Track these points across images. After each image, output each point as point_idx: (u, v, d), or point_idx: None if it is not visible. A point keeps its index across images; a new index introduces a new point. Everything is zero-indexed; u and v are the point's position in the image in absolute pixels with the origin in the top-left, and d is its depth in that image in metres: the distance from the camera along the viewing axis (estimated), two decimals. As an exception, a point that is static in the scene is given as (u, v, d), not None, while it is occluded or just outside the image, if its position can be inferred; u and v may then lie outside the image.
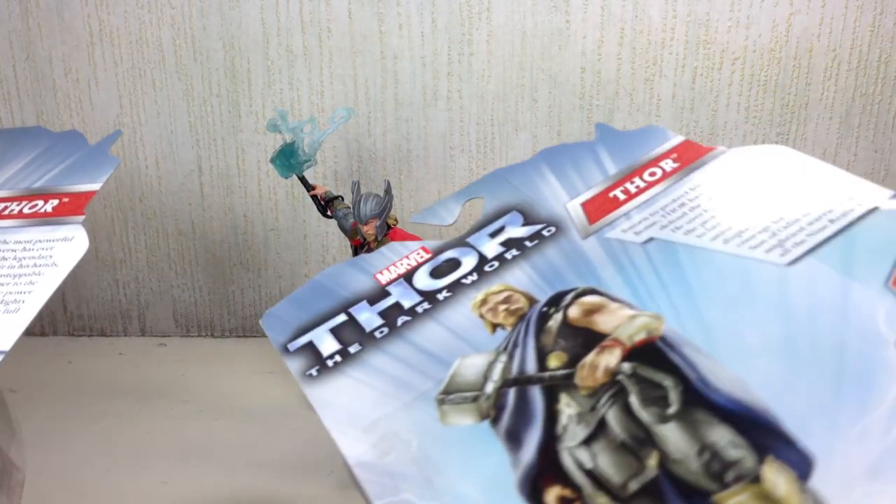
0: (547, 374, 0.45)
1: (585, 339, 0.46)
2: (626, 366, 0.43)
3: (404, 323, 0.52)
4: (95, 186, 0.66)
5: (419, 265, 0.56)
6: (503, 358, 0.47)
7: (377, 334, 0.52)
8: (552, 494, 0.41)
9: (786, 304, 0.44)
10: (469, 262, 0.55)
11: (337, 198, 0.80)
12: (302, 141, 0.80)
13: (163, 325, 1.07)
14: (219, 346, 1.07)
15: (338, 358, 0.51)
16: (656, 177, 0.55)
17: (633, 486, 0.39)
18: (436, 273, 0.55)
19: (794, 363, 0.41)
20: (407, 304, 0.53)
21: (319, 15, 1.00)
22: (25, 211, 0.67)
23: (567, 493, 0.40)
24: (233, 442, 0.76)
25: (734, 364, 0.42)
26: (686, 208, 0.52)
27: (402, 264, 0.57)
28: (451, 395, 0.46)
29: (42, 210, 0.66)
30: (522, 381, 0.45)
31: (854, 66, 0.56)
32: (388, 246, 0.59)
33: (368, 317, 0.53)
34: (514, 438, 0.43)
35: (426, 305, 0.52)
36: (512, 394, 0.45)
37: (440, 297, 0.52)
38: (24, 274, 0.60)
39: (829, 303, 0.43)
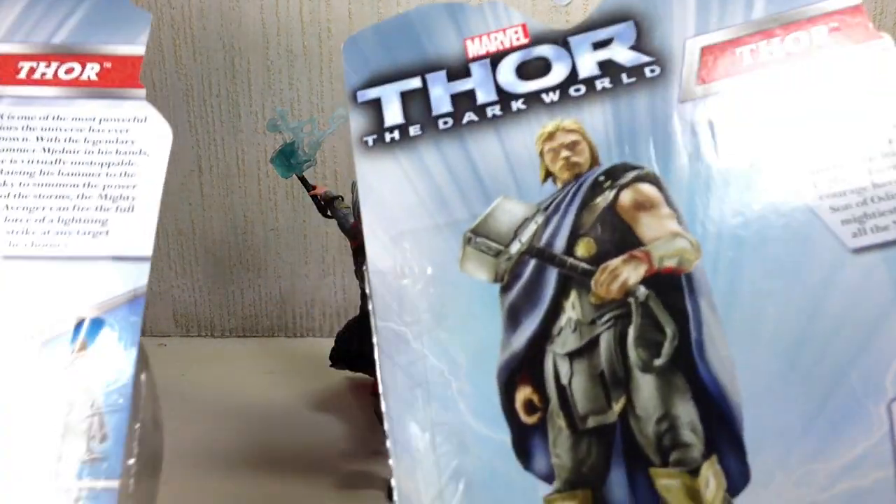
0: (569, 261, 0.46)
1: (622, 235, 0.46)
2: (642, 290, 0.44)
3: (469, 122, 0.51)
4: (138, 50, 0.55)
5: (512, 49, 0.53)
6: (539, 218, 0.48)
7: (441, 124, 0.51)
8: (522, 394, 0.45)
9: (820, 300, 0.43)
10: (559, 71, 0.51)
11: (337, 198, 0.71)
12: (302, 141, 0.69)
13: (163, 325, 1.05)
14: (219, 346, 1.01)
15: (396, 135, 0.52)
16: (797, 46, 0.49)
17: (592, 423, 0.43)
18: (522, 71, 0.52)
19: (790, 372, 0.42)
20: (481, 98, 0.52)
21: (319, 15, 0.96)
22: (62, 76, 0.56)
23: (535, 399, 0.45)
24: (233, 442, 0.75)
25: (737, 342, 0.43)
26: (796, 112, 0.47)
27: (495, 39, 0.53)
28: (479, 237, 0.47)
29: (84, 77, 0.56)
30: (546, 257, 0.47)
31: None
32: (491, 5, 0.55)
33: (441, 95, 0.52)
34: (513, 317, 0.46)
35: (497, 111, 0.51)
36: (530, 267, 0.47)
37: (514, 106, 0.51)
38: (110, 163, 0.53)
39: (861, 321, 0.43)
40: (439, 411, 0.44)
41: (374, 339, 0.46)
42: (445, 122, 0.51)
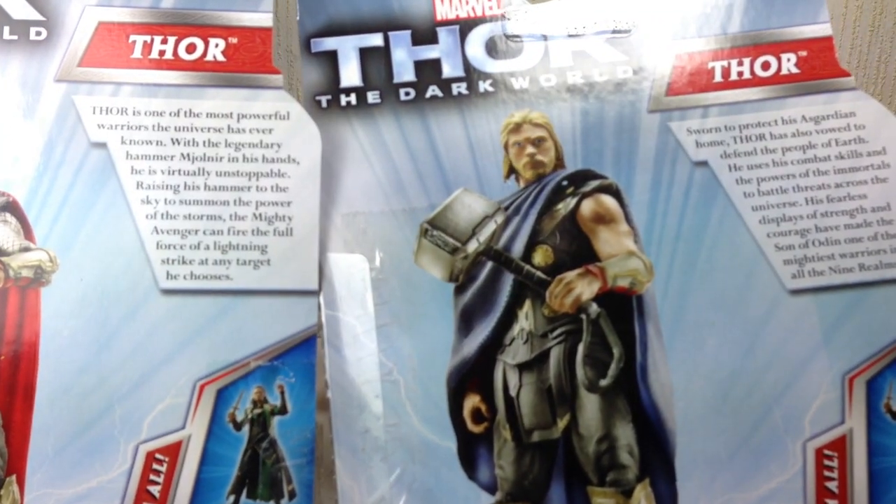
0: (526, 268, 0.46)
1: (580, 248, 0.47)
2: (594, 308, 0.45)
3: (433, 98, 0.49)
4: (265, 19, 0.47)
5: (483, 17, 0.50)
6: (499, 218, 0.47)
7: (402, 94, 0.49)
8: (470, 402, 0.45)
9: (756, 336, 0.46)
10: (533, 53, 0.50)
11: None
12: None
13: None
14: None
15: (353, 98, 0.48)
16: (766, 73, 0.49)
17: (536, 437, 0.45)
18: (492, 47, 0.49)
19: (722, 403, 0.45)
20: (447, 71, 0.49)
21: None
22: (184, 55, 0.47)
23: (483, 408, 0.45)
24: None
25: (678, 370, 0.45)
26: (760, 145, 0.48)
27: (467, 3, 0.50)
28: (436, 230, 0.46)
29: (209, 57, 0.47)
30: (503, 261, 0.46)
31: (854, 66, 0.49)
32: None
33: (404, 59, 0.49)
34: (466, 321, 0.46)
35: (463, 89, 0.49)
36: (486, 270, 0.47)
37: (481, 86, 0.49)
38: (259, 173, 0.46)
39: (790, 361, 0.46)
40: (387, 413, 0.44)
41: (322, 329, 0.44)
42: (407, 93, 0.48)
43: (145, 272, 0.45)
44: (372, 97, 0.48)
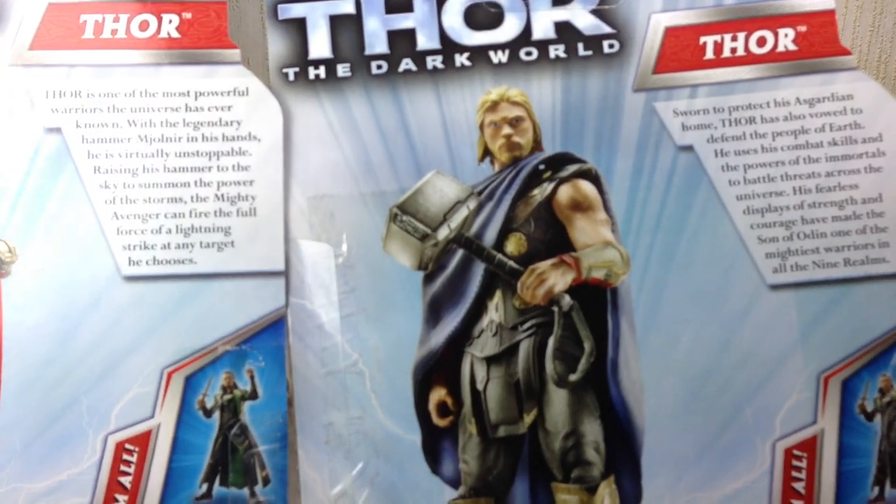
0: (498, 257, 0.45)
1: (555, 236, 0.45)
2: (567, 300, 0.44)
3: (406, 72, 0.46)
4: None
5: (461, -18, 0.47)
6: (472, 204, 0.45)
7: (374, 67, 0.46)
8: (436, 395, 0.45)
9: (732, 333, 0.45)
10: (511, 24, 0.47)
11: None
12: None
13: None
14: None
15: (322, 71, 0.46)
16: (761, 49, 0.47)
17: (502, 432, 0.45)
18: (470, 17, 0.47)
19: (693, 401, 0.45)
20: (422, 43, 0.47)
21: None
22: (137, 33, 0.44)
23: (448, 401, 0.45)
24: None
25: (650, 366, 0.45)
26: (750, 129, 0.46)
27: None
28: (405, 215, 0.44)
29: (163, 34, 0.45)
30: (474, 249, 0.45)
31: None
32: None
33: (376, 29, 0.47)
34: (434, 311, 0.45)
35: (439, 62, 0.46)
36: (457, 258, 0.45)
37: (458, 60, 0.46)
38: (219, 152, 0.44)
39: (765, 358, 0.45)
40: (352, 405, 0.43)
41: (286, 317, 0.43)
42: (379, 67, 0.45)
43: (106, 259, 0.44)
44: (342, 70, 0.46)
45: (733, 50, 0.47)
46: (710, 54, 0.47)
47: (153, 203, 0.44)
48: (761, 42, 0.47)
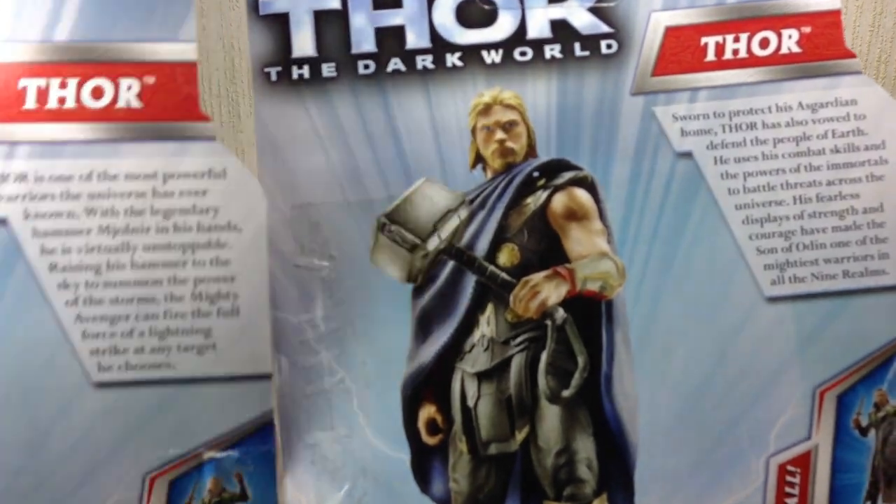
0: (490, 269, 0.43)
1: (549, 246, 0.44)
2: (561, 314, 0.43)
3: (395, 72, 0.44)
4: (188, 50, 0.39)
5: (452, -24, 0.44)
6: (463, 213, 0.43)
7: (361, 67, 0.44)
8: (426, 413, 0.44)
9: (728, 346, 0.44)
10: (505, 22, 0.45)
11: None
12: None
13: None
14: None
15: (306, 71, 0.44)
16: (764, 51, 0.45)
17: (493, 450, 0.43)
18: (463, 15, 0.44)
19: (688, 416, 0.44)
20: (411, 41, 0.44)
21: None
22: (88, 101, 0.38)
23: (438, 419, 0.43)
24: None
25: (645, 381, 0.44)
26: (751, 136, 0.44)
27: (433, -42, 0.44)
28: (394, 225, 0.43)
29: (121, 103, 0.39)
30: (465, 261, 0.43)
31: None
32: None
33: (363, 26, 0.44)
34: (424, 325, 0.44)
35: (429, 62, 0.44)
36: (447, 270, 0.44)
37: (449, 60, 0.44)
38: (195, 244, 0.39)
39: (762, 372, 0.44)
40: (338, 424, 0.42)
41: (270, 332, 0.42)
42: (367, 66, 0.43)
43: (72, 365, 0.40)
44: (327, 70, 0.43)
45: (735, 52, 0.45)
46: (711, 56, 0.45)
47: (122, 304, 0.40)
48: (764, 44, 0.45)
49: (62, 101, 0.40)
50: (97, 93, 0.40)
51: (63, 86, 0.40)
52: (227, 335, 0.41)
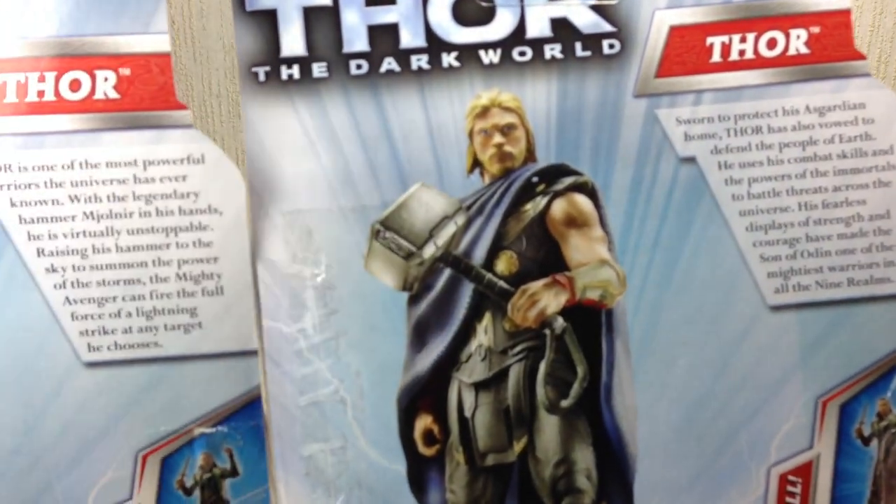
0: (487, 277, 0.42)
1: (548, 254, 0.43)
2: (560, 323, 0.42)
3: (389, 72, 0.43)
4: (160, 42, 0.40)
5: (449, -27, 0.43)
6: (460, 219, 0.42)
7: (353, 67, 0.42)
8: (422, 423, 0.43)
9: (730, 356, 0.44)
10: (504, 22, 0.44)
11: None
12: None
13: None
14: None
15: (295, 71, 0.42)
16: (771, 52, 0.43)
17: (491, 460, 0.43)
18: (460, 12, 0.43)
19: (687, 427, 0.43)
20: (406, 40, 0.43)
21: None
22: (67, 95, 0.39)
23: (435, 429, 0.43)
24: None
25: (645, 391, 0.43)
26: (756, 140, 0.43)
27: (430, -46, 0.43)
28: (389, 231, 0.42)
29: (99, 94, 0.39)
30: (462, 269, 0.42)
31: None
32: None
33: (355, 23, 0.43)
34: (420, 335, 0.43)
35: (424, 62, 0.43)
36: (443, 278, 0.43)
37: (445, 60, 0.43)
38: (177, 227, 0.40)
39: (763, 382, 0.44)
40: (333, 435, 0.41)
41: (260, 342, 0.41)
42: (359, 66, 0.42)
43: (63, 347, 0.41)
44: (318, 70, 0.42)
45: (741, 52, 0.43)
46: (716, 57, 0.43)
47: (108, 286, 0.41)
48: (772, 44, 0.43)
49: (41, 94, 0.40)
50: (75, 85, 0.41)
51: (41, 80, 0.40)
52: (212, 314, 0.41)
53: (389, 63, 0.43)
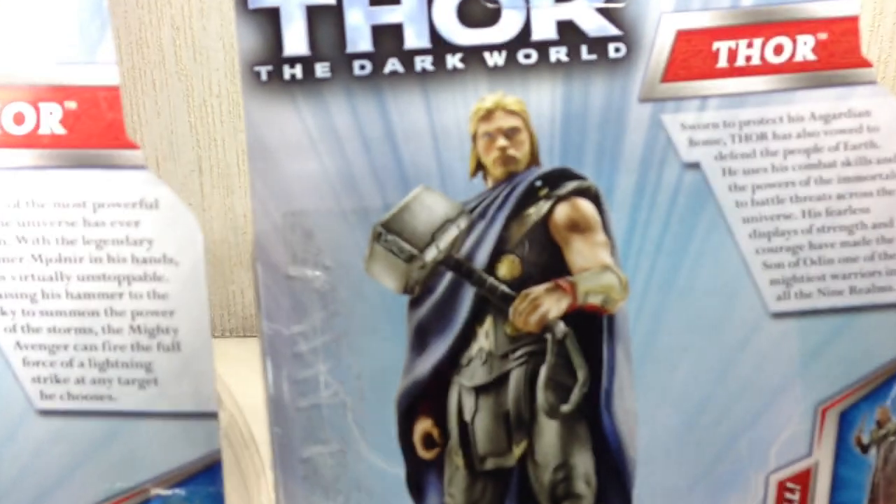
0: (489, 281, 0.42)
1: (550, 259, 0.43)
2: (561, 327, 0.42)
3: (393, 73, 0.42)
4: (107, 75, 0.36)
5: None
6: (463, 223, 0.42)
7: (357, 67, 0.42)
8: (421, 427, 0.43)
9: (731, 363, 0.44)
10: (510, 22, 0.43)
11: None
12: None
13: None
14: (219, 346, 0.77)
15: (298, 71, 0.42)
16: (778, 58, 0.43)
17: (490, 465, 0.43)
18: (465, 13, 0.42)
19: (687, 432, 0.44)
20: (410, 41, 0.43)
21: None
22: (10, 127, 0.37)
23: (434, 433, 0.43)
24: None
25: (645, 397, 0.44)
26: (761, 147, 0.43)
27: (436, -47, 0.42)
28: (390, 234, 0.42)
29: (44, 129, 0.37)
30: (464, 272, 0.42)
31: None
32: None
33: (359, 24, 0.43)
34: (420, 338, 0.43)
35: (429, 64, 0.42)
36: (445, 281, 0.43)
37: (450, 62, 0.43)
38: (130, 276, 0.38)
39: (763, 389, 0.44)
40: (332, 438, 0.41)
41: (261, 344, 0.40)
42: (363, 67, 0.41)
43: (15, 392, 0.40)
44: (321, 70, 0.41)
45: (748, 58, 0.43)
46: (723, 62, 0.43)
47: (59, 333, 0.39)
48: (778, 50, 0.43)
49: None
50: (18, 119, 0.38)
51: None
52: (168, 370, 0.40)
53: (393, 64, 0.42)
